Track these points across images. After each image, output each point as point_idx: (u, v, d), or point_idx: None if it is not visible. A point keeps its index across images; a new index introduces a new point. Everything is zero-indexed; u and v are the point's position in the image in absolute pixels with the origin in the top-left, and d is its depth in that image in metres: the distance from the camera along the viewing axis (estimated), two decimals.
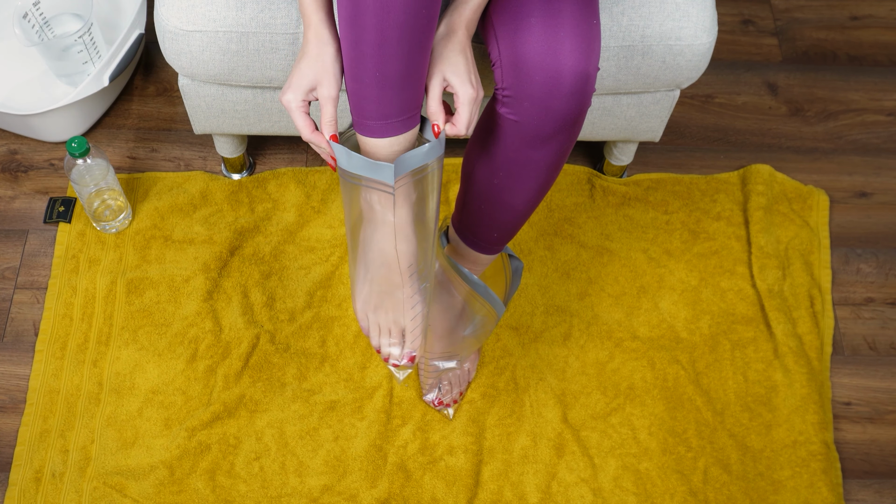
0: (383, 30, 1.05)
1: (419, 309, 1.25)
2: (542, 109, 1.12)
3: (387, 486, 1.46)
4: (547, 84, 1.10)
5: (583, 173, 1.75)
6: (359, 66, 1.09)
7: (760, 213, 1.70)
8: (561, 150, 1.18)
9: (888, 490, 1.52)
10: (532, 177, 1.21)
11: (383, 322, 1.26)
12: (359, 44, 1.07)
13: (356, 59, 1.09)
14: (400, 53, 1.07)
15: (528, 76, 1.10)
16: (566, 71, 1.09)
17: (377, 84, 1.10)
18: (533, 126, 1.14)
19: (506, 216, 1.28)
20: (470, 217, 1.32)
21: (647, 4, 1.37)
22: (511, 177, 1.21)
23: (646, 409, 1.54)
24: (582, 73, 1.10)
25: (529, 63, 1.10)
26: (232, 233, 1.65)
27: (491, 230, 1.32)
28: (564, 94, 1.10)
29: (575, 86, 1.10)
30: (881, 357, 1.63)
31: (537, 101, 1.11)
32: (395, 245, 1.18)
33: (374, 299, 1.24)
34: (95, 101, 1.73)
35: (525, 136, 1.15)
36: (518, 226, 1.31)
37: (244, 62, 1.39)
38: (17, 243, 1.65)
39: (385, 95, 1.10)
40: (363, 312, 1.27)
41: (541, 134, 1.14)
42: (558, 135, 1.15)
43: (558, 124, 1.13)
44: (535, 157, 1.18)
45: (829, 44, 1.97)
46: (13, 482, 1.44)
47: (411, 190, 1.15)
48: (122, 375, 1.53)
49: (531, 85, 1.11)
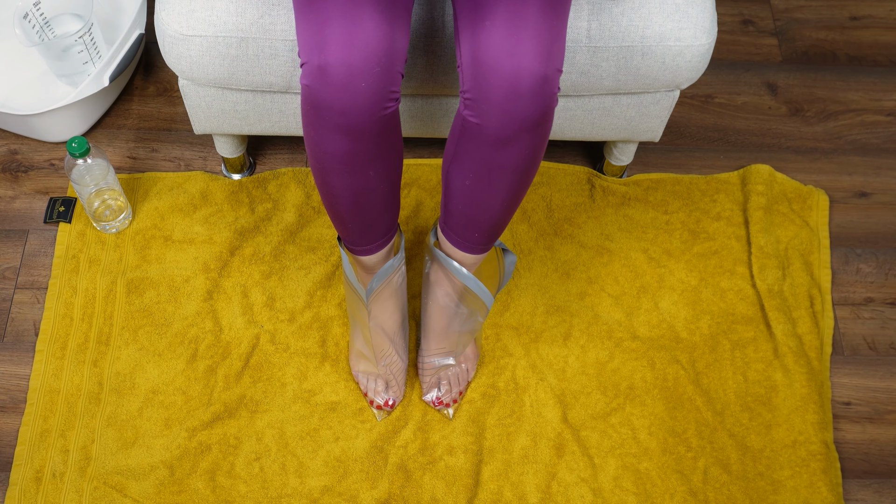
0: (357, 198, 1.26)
1: (399, 366, 1.49)
2: (502, 112, 1.12)
3: (387, 487, 1.46)
4: (505, 86, 1.10)
5: (583, 173, 1.75)
6: (336, 217, 1.31)
7: (760, 213, 1.70)
8: (527, 152, 1.17)
9: (888, 490, 1.52)
10: (502, 179, 1.21)
11: (370, 374, 1.50)
12: (333, 206, 1.29)
13: (333, 213, 1.31)
14: (371, 205, 1.28)
15: (486, 78, 1.10)
16: (524, 73, 1.09)
17: (356, 228, 1.32)
18: (494, 128, 1.13)
19: (484, 217, 1.28)
20: (451, 217, 1.33)
21: (647, 5, 1.37)
22: (481, 179, 1.22)
23: (646, 409, 1.54)
24: (540, 75, 1.09)
25: (488, 65, 1.10)
26: (232, 233, 1.65)
27: (472, 230, 1.32)
28: (523, 95, 1.10)
29: (533, 87, 1.10)
30: (881, 357, 1.63)
31: (496, 104, 1.11)
32: (371, 337, 1.44)
33: (362, 357, 1.50)
34: (95, 101, 1.73)
35: (488, 139, 1.15)
36: (498, 227, 1.31)
37: (244, 67, 1.40)
38: (18, 243, 1.65)
39: (364, 234, 1.33)
40: (353, 364, 1.53)
41: (502, 136, 1.14)
42: (521, 137, 1.14)
43: (519, 126, 1.13)
44: (500, 160, 1.18)
45: (829, 44, 1.97)
46: (13, 482, 1.44)
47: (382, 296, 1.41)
48: (122, 375, 1.53)
49: (490, 87, 1.10)
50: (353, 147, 1.16)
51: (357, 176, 1.21)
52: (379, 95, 1.12)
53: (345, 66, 1.08)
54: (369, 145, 1.17)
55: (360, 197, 1.25)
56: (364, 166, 1.20)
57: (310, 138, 1.18)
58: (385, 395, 1.50)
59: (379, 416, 1.51)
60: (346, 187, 1.22)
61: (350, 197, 1.24)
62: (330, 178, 1.22)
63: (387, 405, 1.50)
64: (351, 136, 1.15)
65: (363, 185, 1.23)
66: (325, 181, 1.23)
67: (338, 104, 1.11)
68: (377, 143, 1.18)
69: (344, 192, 1.23)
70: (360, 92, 1.10)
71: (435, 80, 1.42)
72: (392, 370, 1.48)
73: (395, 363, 1.48)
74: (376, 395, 1.50)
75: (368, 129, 1.14)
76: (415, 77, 1.41)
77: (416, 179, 1.73)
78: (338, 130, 1.14)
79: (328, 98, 1.11)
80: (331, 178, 1.22)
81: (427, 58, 1.39)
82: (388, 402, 1.50)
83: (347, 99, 1.10)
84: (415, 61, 1.39)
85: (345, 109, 1.11)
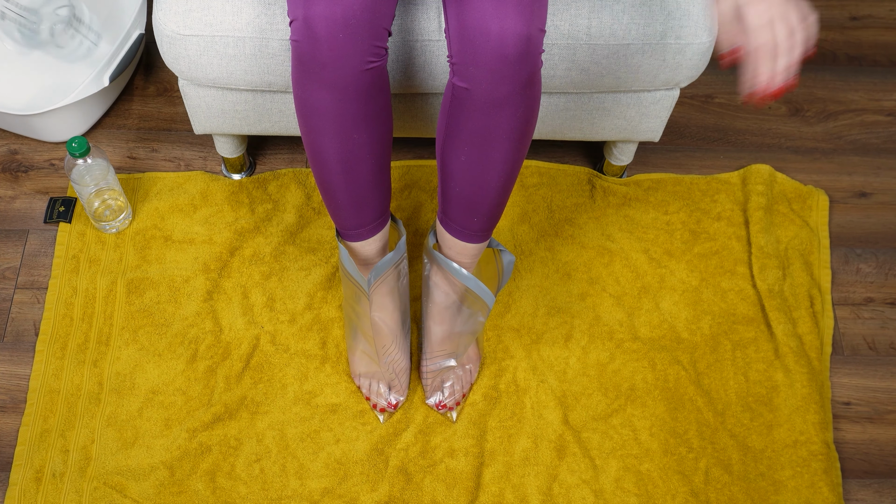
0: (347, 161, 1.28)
1: (402, 365, 1.49)
2: (490, 73, 1.16)
3: (387, 490, 1.46)
4: (490, 47, 1.14)
5: (583, 174, 1.75)
6: (327, 193, 1.32)
7: (760, 214, 1.70)
8: (519, 115, 1.21)
9: (888, 490, 1.52)
10: (496, 147, 1.24)
11: (372, 377, 1.51)
12: (324, 180, 1.30)
13: (324, 189, 1.32)
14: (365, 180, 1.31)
15: (472, 42, 1.15)
16: (508, 33, 1.13)
17: (347, 205, 1.33)
18: (484, 91, 1.18)
19: (483, 196, 1.30)
20: (449, 204, 1.34)
21: (649, 3, 1.37)
22: (476, 149, 1.25)
23: (647, 410, 1.54)
24: (523, 34, 1.14)
25: (473, 29, 1.14)
26: (232, 233, 1.65)
27: (471, 215, 1.33)
28: (507, 55, 1.14)
29: (518, 47, 1.14)
30: (881, 357, 1.63)
31: (483, 65, 1.15)
32: (372, 332, 1.44)
33: (364, 360, 1.51)
34: (95, 102, 1.73)
35: (479, 104, 1.19)
36: (497, 207, 1.33)
37: (242, 66, 1.39)
38: (18, 243, 1.65)
39: (355, 213, 1.35)
40: (354, 367, 1.53)
41: (493, 99, 1.18)
42: (512, 98, 1.18)
43: (509, 88, 1.17)
44: (493, 124, 1.21)
45: (829, 44, 1.97)
46: (13, 482, 1.44)
47: (384, 289, 1.42)
48: (122, 375, 1.53)
49: (476, 50, 1.15)
50: (340, 104, 1.21)
51: (345, 138, 1.24)
52: (362, 49, 1.17)
53: (327, 19, 1.13)
54: (356, 105, 1.21)
55: (348, 163, 1.27)
56: (350, 129, 1.23)
57: (298, 98, 1.23)
58: (388, 397, 1.50)
59: (382, 418, 1.51)
60: (335, 151, 1.26)
61: (339, 163, 1.27)
62: (319, 140, 1.25)
63: (391, 406, 1.50)
64: (337, 90, 1.19)
65: (351, 150, 1.26)
66: (314, 145, 1.26)
67: (322, 57, 1.16)
68: (363, 103, 1.21)
69: (332, 156, 1.27)
70: (342, 45, 1.15)
71: (434, 78, 1.42)
72: (394, 369, 1.48)
73: (398, 361, 1.48)
74: (379, 397, 1.50)
75: (352, 83, 1.19)
76: (414, 75, 1.41)
77: (416, 181, 1.73)
78: (324, 86, 1.19)
79: (313, 51, 1.16)
80: (319, 140, 1.25)
81: (425, 56, 1.38)
82: (392, 404, 1.50)
83: (331, 52, 1.15)
84: (413, 59, 1.39)
85: (328, 62, 1.16)
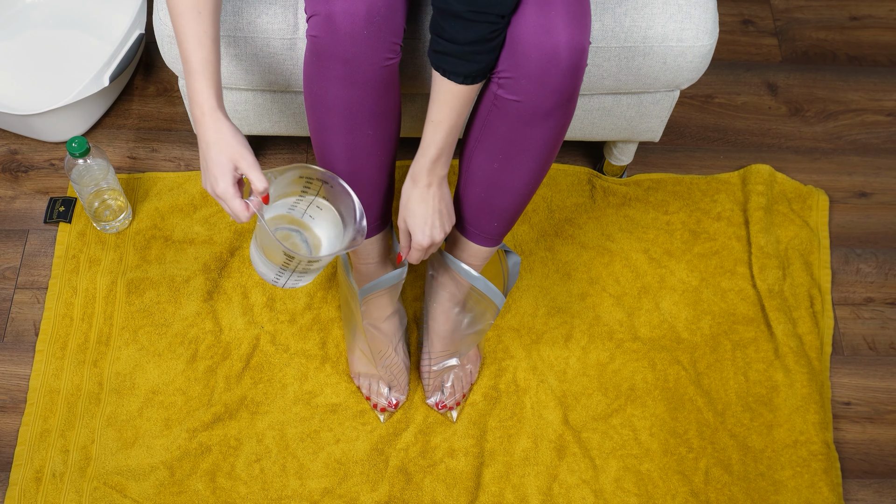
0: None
1: (402, 365, 1.50)
2: (541, 85, 1.16)
3: (387, 490, 1.46)
4: (544, 60, 1.14)
5: (583, 174, 1.75)
6: None
7: (760, 214, 1.70)
8: (559, 126, 1.22)
9: (888, 490, 1.52)
10: (531, 157, 1.25)
11: (372, 376, 1.50)
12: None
13: None
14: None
15: (525, 55, 1.15)
16: (562, 46, 1.13)
17: None
18: (532, 103, 1.18)
19: (506, 201, 1.31)
20: (469, 209, 1.34)
21: (650, 6, 1.37)
22: (510, 159, 1.26)
23: (647, 410, 1.54)
24: (578, 46, 1.14)
25: (525, 42, 1.14)
26: (232, 233, 1.65)
27: (491, 219, 1.34)
28: (562, 68, 1.15)
29: (571, 59, 1.14)
30: (881, 357, 1.63)
31: (535, 77, 1.16)
32: (367, 338, 1.45)
33: (363, 359, 1.51)
34: (95, 101, 1.73)
35: (524, 115, 1.20)
36: (517, 212, 1.34)
37: (242, 66, 1.39)
38: (18, 243, 1.65)
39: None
40: (354, 368, 1.52)
41: (539, 111, 1.19)
42: (556, 110, 1.19)
43: (556, 99, 1.18)
44: (534, 135, 1.22)
45: (829, 44, 1.97)
46: (13, 482, 1.44)
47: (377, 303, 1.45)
48: (122, 375, 1.53)
49: (529, 63, 1.15)
50: (354, 99, 1.21)
51: (354, 135, 1.25)
52: (382, 44, 1.17)
53: (349, 14, 1.14)
54: (370, 100, 1.21)
55: (355, 162, 1.28)
56: (362, 126, 1.24)
57: (311, 93, 1.23)
58: (388, 397, 1.50)
59: (383, 418, 1.51)
60: (343, 148, 1.26)
61: (346, 161, 1.28)
62: (328, 137, 1.26)
63: (391, 406, 1.50)
64: (353, 86, 1.20)
65: (360, 143, 1.26)
66: (323, 141, 1.27)
67: (342, 52, 1.16)
68: (377, 99, 1.22)
69: (340, 154, 1.27)
70: (364, 40, 1.16)
71: None
72: (393, 371, 1.48)
73: (396, 364, 1.48)
74: (379, 396, 1.50)
75: (370, 79, 1.19)
76: (414, 76, 1.41)
77: None
78: (340, 81, 1.19)
79: (333, 46, 1.16)
80: (328, 137, 1.25)
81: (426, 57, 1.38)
82: (392, 403, 1.50)
83: (354, 48, 1.16)
84: (413, 59, 1.38)
85: (349, 57, 1.17)
